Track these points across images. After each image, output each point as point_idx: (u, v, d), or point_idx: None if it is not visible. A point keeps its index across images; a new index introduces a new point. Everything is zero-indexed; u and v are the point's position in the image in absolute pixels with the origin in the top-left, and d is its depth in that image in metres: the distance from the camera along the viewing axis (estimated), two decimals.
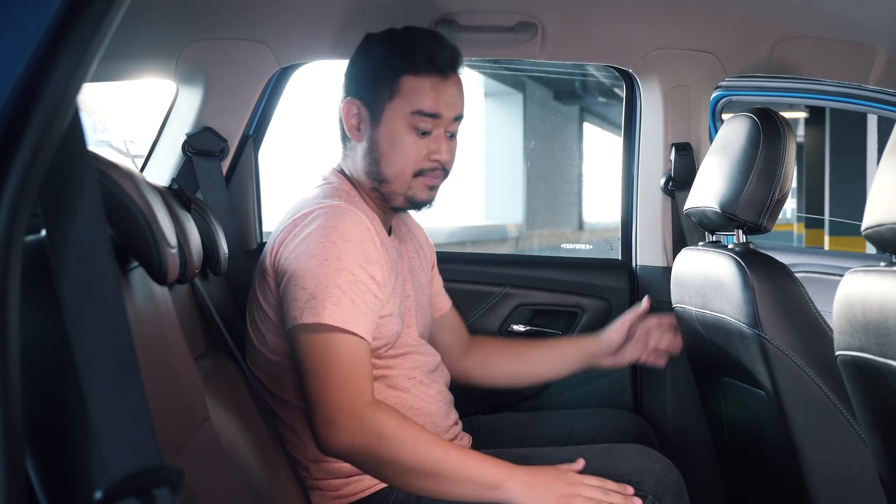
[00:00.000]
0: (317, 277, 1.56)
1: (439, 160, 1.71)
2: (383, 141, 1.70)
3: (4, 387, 0.68)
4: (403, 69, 1.69)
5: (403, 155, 1.70)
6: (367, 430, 1.51)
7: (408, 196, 1.73)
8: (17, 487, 0.68)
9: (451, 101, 1.71)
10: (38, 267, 0.76)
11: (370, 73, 1.72)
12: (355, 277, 1.57)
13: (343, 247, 1.58)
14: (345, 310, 1.55)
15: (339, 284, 1.56)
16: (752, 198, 1.80)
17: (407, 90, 1.69)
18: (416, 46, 1.70)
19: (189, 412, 1.21)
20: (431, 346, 1.86)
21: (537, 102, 10.84)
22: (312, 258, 1.58)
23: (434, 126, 1.70)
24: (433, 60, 1.69)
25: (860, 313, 1.22)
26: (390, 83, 1.69)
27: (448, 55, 1.71)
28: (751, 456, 1.99)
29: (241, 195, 2.24)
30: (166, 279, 1.11)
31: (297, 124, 4.51)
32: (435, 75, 1.70)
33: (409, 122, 1.69)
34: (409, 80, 1.69)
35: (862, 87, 2.56)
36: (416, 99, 1.68)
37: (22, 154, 0.69)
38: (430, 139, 1.71)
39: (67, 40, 0.70)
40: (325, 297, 1.55)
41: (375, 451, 1.52)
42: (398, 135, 1.69)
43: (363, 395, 1.54)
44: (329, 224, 1.60)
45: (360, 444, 1.52)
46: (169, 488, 0.72)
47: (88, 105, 3.23)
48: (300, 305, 1.56)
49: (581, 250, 9.80)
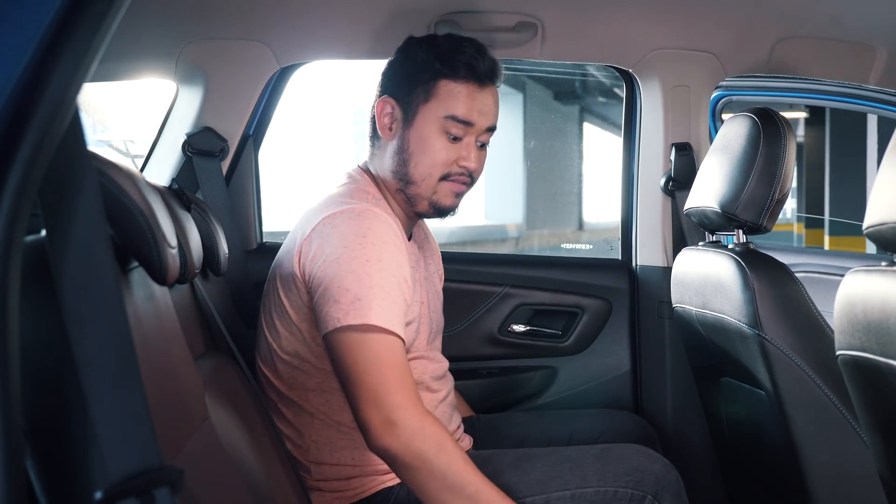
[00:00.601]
0: (360, 279, 1.54)
1: (467, 167, 1.72)
2: (414, 142, 1.70)
3: (4, 387, 0.68)
4: (442, 73, 1.69)
5: (432, 157, 1.70)
6: (428, 437, 1.49)
7: (432, 201, 1.73)
8: (17, 487, 0.68)
9: (485, 109, 1.72)
10: (38, 267, 0.76)
11: (408, 73, 1.72)
12: (395, 280, 1.57)
13: (383, 248, 1.58)
14: (388, 311, 1.54)
15: (381, 286, 1.55)
16: (753, 198, 1.80)
17: (443, 94, 1.69)
18: (456, 52, 1.70)
19: (189, 412, 1.21)
20: (440, 353, 1.86)
21: (537, 102, 10.84)
22: (353, 260, 1.56)
23: (465, 133, 1.71)
24: (472, 68, 1.70)
25: (861, 313, 1.22)
26: (427, 86, 1.70)
27: (488, 65, 1.72)
28: (751, 456, 1.99)
29: (241, 195, 2.24)
30: (166, 279, 1.11)
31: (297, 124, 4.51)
32: (472, 83, 1.70)
33: (441, 125, 1.69)
34: (445, 84, 1.69)
35: (862, 87, 2.56)
36: (451, 104, 1.69)
37: (22, 154, 0.69)
38: (460, 146, 1.71)
39: (67, 40, 0.70)
40: (370, 298, 1.53)
41: (430, 459, 1.49)
42: (429, 137, 1.70)
43: (419, 401, 1.52)
44: (366, 226, 1.59)
45: (416, 448, 1.49)
46: (169, 488, 0.72)
47: (88, 105, 3.23)
48: (345, 307, 1.53)
49: (581, 250, 9.81)
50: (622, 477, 1.60)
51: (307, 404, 1.69)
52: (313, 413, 1.69)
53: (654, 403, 2.32)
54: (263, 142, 2.30)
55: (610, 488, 1.59)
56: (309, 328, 1.64)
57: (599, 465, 1.62)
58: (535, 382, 2.34)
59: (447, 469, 1.49)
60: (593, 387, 2.34)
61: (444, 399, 1.81)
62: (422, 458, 1.49)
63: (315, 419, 1.69)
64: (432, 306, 1.85)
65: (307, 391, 1.68)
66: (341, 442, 1.68)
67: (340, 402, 1.64)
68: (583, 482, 1.60)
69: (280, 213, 2.61)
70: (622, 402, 2.33)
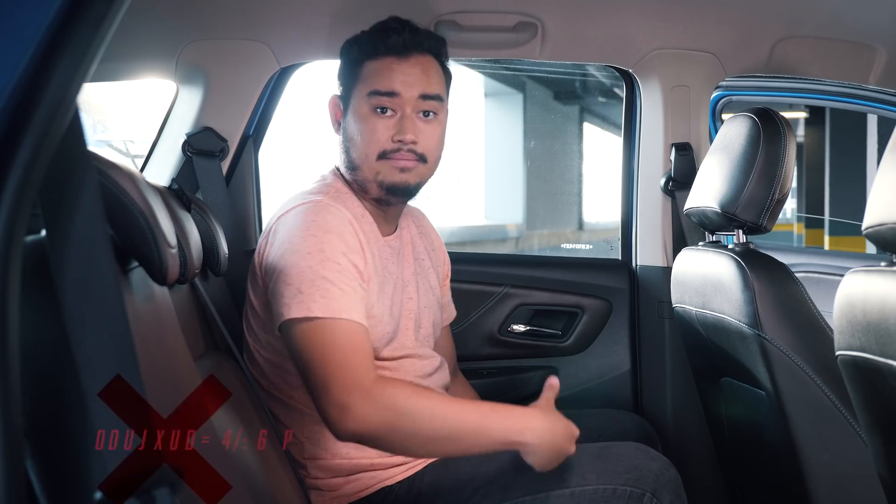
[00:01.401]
0: (301, 272, 1.56)
1: (402, 139, 1.68)
2: (350, 127, 1.73)
3: (4, 387, 0.68)
4: (365, 55, 1.72)
5: (366, 137, 1.69)
6: (381, 407, 1.50)
7: (378, 181, 1.70)
8: (17, 487, 0.68)
9: (409, 79, 1.70)
10: (38, 267, 0.76)
11: (342, 68, 1.77)
12: (341, 266, 1.58)
13: (325, 238, 1.59)
14: (335, 300, 1.55)
15: (324, 276, 1.56)
16: (753, 198, 1.80)
17: (366, 74, 1.71)
18: (375, 34, 1.73)
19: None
20: (430, 349, 1.85)
21: (537, 102, 10.84)
22: (295, 253, 1.58)
23: (395, 105, 1.69)
24: (387, 42, 1.71)
25: (861, 313, 1.22)
26: (354, 72, 1.73)
27: (407, 36, 1.71)
28: (751, 456, 1.99)
29: (241, 195, 2.24)
30: (166, 279, 1.11)
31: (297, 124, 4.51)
32: (391, 56, 1.71)
33: (369, 105, 1.70)
34: (368, 64, 1.72)
35: (862, 87, 2.56)
36: (372, 80, 1.70)
37: (22, 154, 0.69)
38: (394, 120, 1.70)
39: (67, 40, 0.70)
40: (312, 290, 1.55)
41: (393, 425, 1.50)
42: (361, 119, 1.70)
43: (369, 373, 1.53)
44: (309, 218, 1.61)
45: (375, 421, 1.50)
46: (169, 488, 0.72)
47: (88, 105, 3.23)
48: (287, 301, 1.56)
49: (581, 250, 9.81)
50: (621, 475, 1.60)
51: (294, 401, 1.69)
52: (302, 410, 1.69)
53: (654, 403, 2.32)
54: (263, 142, 2.30)
55: (609, 486, 1.59)
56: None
57: (598, 464, 1.62)
58: (535, 382, 2.34)
59: (414, 427, 1.51)
60: (593, 387, 2.34)
61: None
62: (386, 428, 1.51)
63: (304, 416, 1.69)
64: (423, 302, 1.84)
65: (291, 388, 1.69)
66: (332, 436, 1.68)
67: None
68: (582, 480, 1.60)
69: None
70: (622, 401, 2.33)
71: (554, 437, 1.56)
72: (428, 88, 1.70)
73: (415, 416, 1.51)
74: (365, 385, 1.51)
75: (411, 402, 1.51)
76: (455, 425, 1.53)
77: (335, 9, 2.08)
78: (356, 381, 1.51)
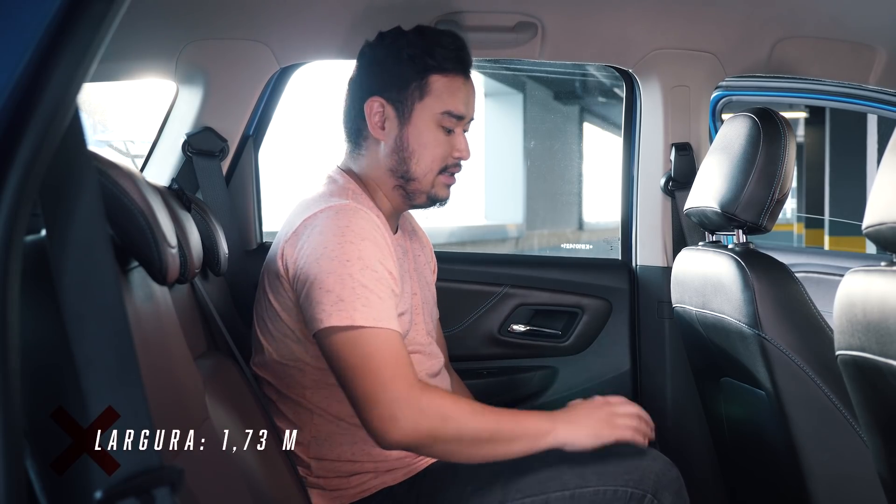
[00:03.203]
0: (341, 279, 1.55)
1: (462, 157, 1.77)
2: (413, 139, 1.73)
3: (4, 387, 0.68)
4: (432, 69, 1.72)
5: (432, 152, 1.74)
6: (430, 415, 1.53)
7: (430, 194, 1.77)
8: (17, 487, 0.68)
9: (472, 102, 1.78)
10: (38, 267, 0.76)
11: (395, 71, 1.73)
12: (378, 274, 1.58)
13: (362, 245, 1.58)
14: (375, 308, 1.56)
15: (364, 284, 1.56)
16: (753, 198, 1.80)
17: (437, 90, 1.72)
18: (438, 45, 1.73)
19: (189, 412, 1.21)
20: (435, 347, 1.86)
21: (537, 102, 10.84)
22: (333, 259, 1.57)
23: (459, 125, 1.76)
24: (460, 60, 1.74)
25: (861, 313, 1.22)
26: (419, 82, 1.72)
27: (469, 55, 1.77)
28: (751, 456, 1.99)
29: (241, 195, 2.24)
30: (166, 279, 1.11)
31: (297, 124, 4.51)
32: (460, 75, 1.75)
33: (437, 121, 1.73)
34: (437, 79, 1.72)
35: (862, 87, 2.56)
36: (446, 99, 1.72)
37: (22, 154, 0.69)
38: (452, 137, 1.76)
39: (67, 40, 0.70)
40: (353, 298, 1.55)
41: (441, 431, 1.54)
42: (427, 133, 1.73)
43: (415, 382, 1.55)
44: (343, 223, 1.60)
45: (424, 428, 1.53)
46: (169, 488, 0.72)
47: (88, 105, 3.23)
48: (328, 309, 1.55)
49: (581, 250, 9.81)
50: (622, 476, 1.60)
51: (306, 401, 1.69)
52: (312, 409, 1.69)
53: (654, 403, 2.32)
54: (263, 142, 2.30)
55: (609, 487, 1.59)
56: (301, 328, 1.64)
57: (599, 464, 1.61)
58: (535, 382, 2.34)
59: (460, 431, 1.55)
60: (593, 387, 2.34)
61: None
62: (432, 436, 1.54)
63: (314, 415, 1.69)
64: (424, 297, 1.85)
65: (304, 389, 1.69)
66: (341, 437, 1.68)
67: (339, 397, 1.64)
68: (582, 481, 1.60)
69: (280, 213, 2.61)
70: None
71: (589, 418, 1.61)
72: (475, 111, 1.80)
73: (459, 420, 1.54)
74: (414, 395, 1.53)
75: (455, 408, 1.55)
76: (494, 428, 1.56)
77: (335, 9, 2.08)
78: (404, 391, 1.53)
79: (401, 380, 1.53)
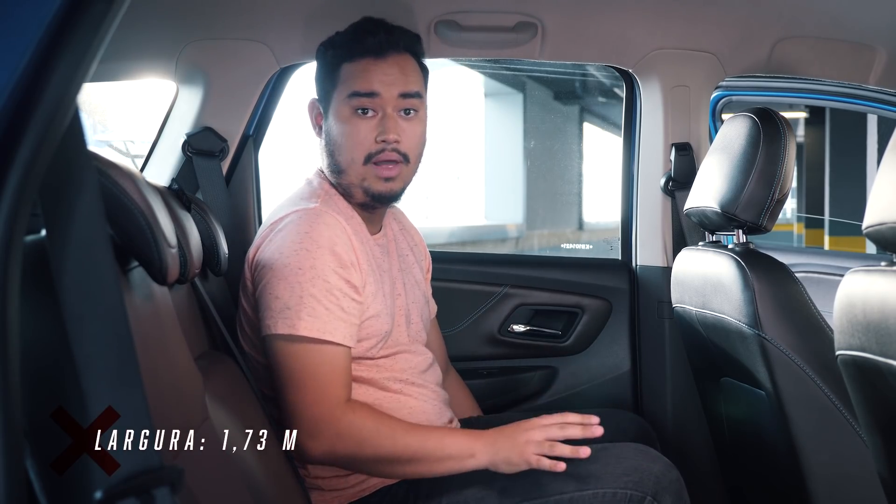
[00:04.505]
0: (291, 287, 1.57)
1: (387, 139, 1.69)
2: (333, 130, 1.73)
3: (4, 387, 0.68)
4: (341, 58, 1.73)
5: (351, 140, 1.70)
6: (346, 437, 1.56)
7: (364, 187, 1.72)
8: (17, 487, 0.68)
9: (388, 78, 1.70)
10: (38, 267, 0.76)
11: (319, 72, 1.78)
12: (330, 285, 1.58)
13: (317, 254, 1.59)
14: (320, 319, 1.57)
15: (313, 294, 1.57)
16: (753, 198, 1.80)
17: (344, 77, 1.72)
18: (351, 36, 1.74)
19: (189, 412, 1.21)
20: (423, 346, 1.86)
21: (537, 102, 10.83)
22: (286, 267, 1.59)
23: (375, 105, 1.70)
24: (363, 44, 1.72)
25: (861, 313, 1.22)
26: (333, 75, 1.74)
27: (383, 36, 1.72)
28: (751, 456, 1.99)
29: (241, 195, 2.24)
30: (166, 279, 1.11)
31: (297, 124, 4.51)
32: (368, 57, 1.72)
33: (350, 107, 1.71)
34: (345, 67, 1.73)
35: (862, 87, 2.56)
36: (351, 82, 1.71)
37: (22, 154, 0.69)
38: (376, 120, 1.70)
39: (67, 40, 0.70)
40: (299, 307, 1.56)
41: (356, 453, 1.57)
42: (343, 121, 1.71)
43: (340, 403, 1.58)
44: (303, 230, 1.61)
45: (340, 450, 1.57)
46: (169, 488, 0.72)
47: (88, 105, 3.23)
48: (274, 315, 1.58)
49: (581, 250, 9.80)
50: (621, 477, 1.59)
51: None
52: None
53: (654, 403, 2.32)
54: (263, 142, 2.30)
55: (609, 490, 1.58)
56: None
57: (598, 466, 1.61)
58: (535, 382, 2.34)
59: (377, 454, 1.58)
60: (593, 387, 2.34)
61: (431, 393, 1.80)
62: (348, 456, 1.58)
63: None
64: (414, 297, 1.85)
65: None
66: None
67: None
68: (581, 484, 1.59)
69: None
70: (622, 402, 2.33)
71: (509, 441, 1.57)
72: (407, 87, 1.71)
73: (377, 441, 1.57)
74: (335, 416, 1.56)
75: (374, 430, 1.57)
76: (416, 450, 1.58)
77: (335, 9, 2.08)
78: (327, 412, 1.56)
79: (327, 399, 1.56)
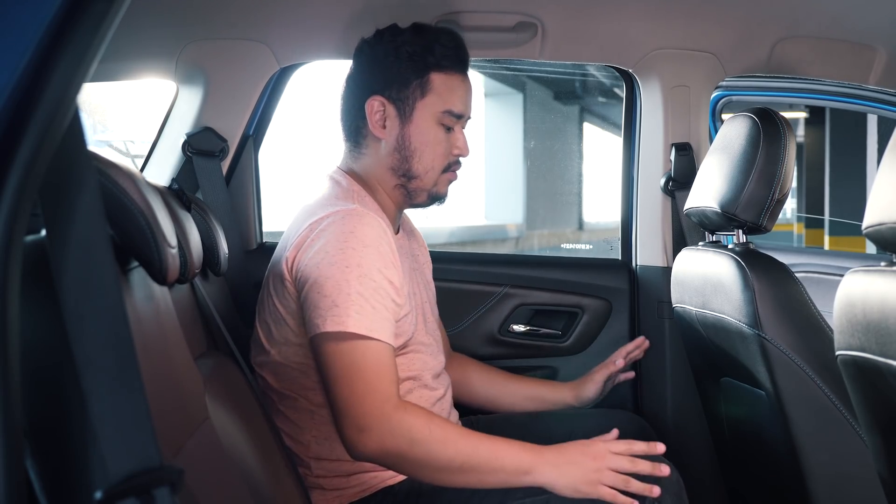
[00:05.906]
0: (338, 285, 1.56)
1: (462, 154, 1.78)
2: (415, 138, 1.73)
3: (4, 387, 0.68)
4: (431, 65, 1.72)
5: (433, 151, 1.74)
6: (398, 434, 1.52)
7: (431, 192, 1.78)
8: (17, 487, 0.68)
9: (470, 101, 1.79)
10: (38, 267, 0.76)
11: (395, 70, 1.73)
12: (376, 284, 1.58)
13: (363, 252, 1.58)
14: (367, 317, 1.55)
15: (360, 292, 1.56)
16: (753, 198, 1.80)
17: (437, 88, 1.73)
18: (437, 43, 1.73)
19: (189, 412, 1.21)
20: (438, 346, 1.86)
21: (537, 102, 10.84)
22: (333, 265, 1.57)
23: (457, 123, 1.77)
24: (459, 58, 1.75)
25: (861, 313, 1.22)
26: (420, 80, 1.72)
27: (467, 54, 1.77)
28: (751, 456, 1.99)
29: (241, 195, 2.24)
30: (166, 279, 1.11)
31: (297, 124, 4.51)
32: (459, 74, 1.76)
33: (438, 119, 1.74)
34: (437, 77, 1.73)
35: (862, 87, 2.56)
36: (447, 98, 1.73)
37: (22, 154, 0.69)
38: (451, 135, 1.77)
39: (67, 40, 0.70)
40: (347, 305, 1.55)
41: (407, 453, 1.52)
42: (429, 132, 1.74)
43: (391, 399, 1.54)
44: (347, 229, 1.60)
45: (391, 447, 1.52)
46: (169, 488, 0.72)
47: (88, 105, 3.23)
48: (322, 314, 1.56)
49: (581, 250, 9.81)
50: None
51: (307, 401, 1.69)
52: (313, 410, 1.69)
53: (654, 403, 2.32)
54: (263, 142, 2.30)
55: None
56: (305, 332, 1.65)
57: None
58: None
59: (428, 457, 1.52)
60: None
61: (442, 397, 1.80)
62: (399, 455, 1.53)
63: (315, 415, 1.69)
64: (424, 296, 1.86)
65: (306, 389, 1.69)
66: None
67: None
68: None
69: (281, 213, 2.62)
70: (622, 402, 2.33)
71: (576, 466, 1.52)
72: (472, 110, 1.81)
73: (429, 445, 1.52)
74: (386, 411, 1.52)
75: (426, 432, 1.52)
76: (467, 458, 1.52)
77: (335, 9, 2.08)
78: (378, 406, 1.52)
79: (377, 394, 1.53)
